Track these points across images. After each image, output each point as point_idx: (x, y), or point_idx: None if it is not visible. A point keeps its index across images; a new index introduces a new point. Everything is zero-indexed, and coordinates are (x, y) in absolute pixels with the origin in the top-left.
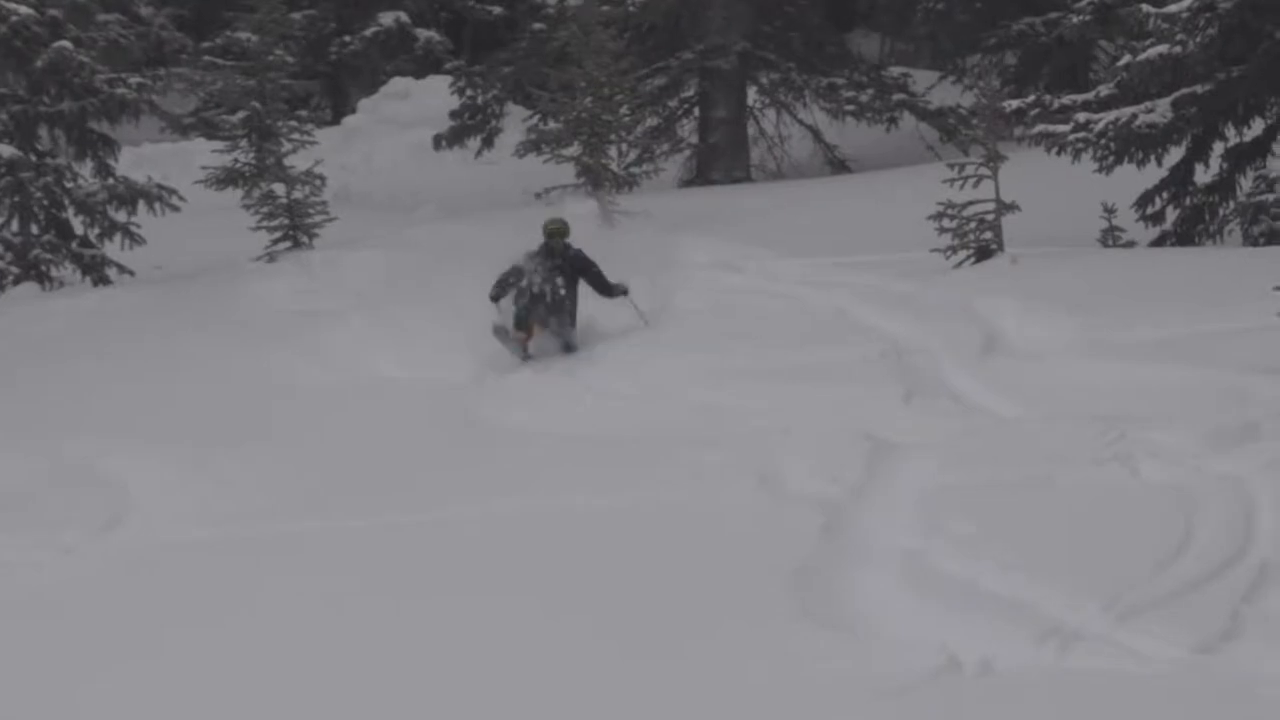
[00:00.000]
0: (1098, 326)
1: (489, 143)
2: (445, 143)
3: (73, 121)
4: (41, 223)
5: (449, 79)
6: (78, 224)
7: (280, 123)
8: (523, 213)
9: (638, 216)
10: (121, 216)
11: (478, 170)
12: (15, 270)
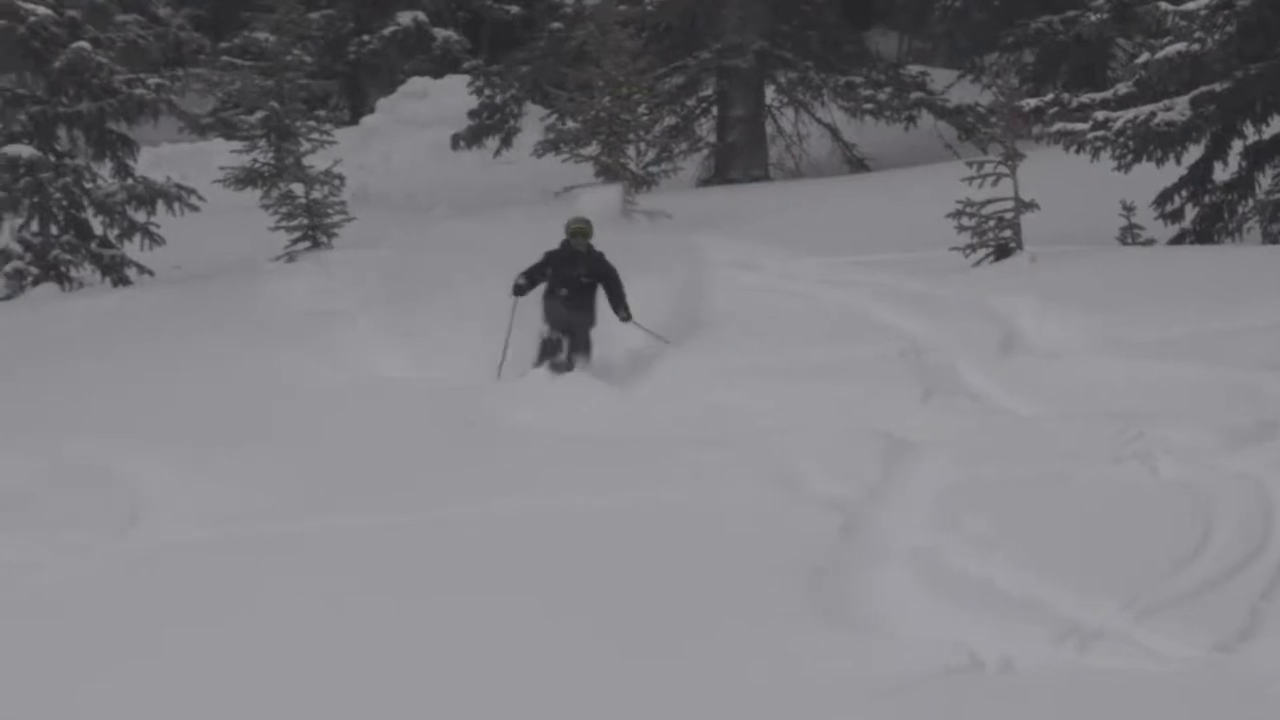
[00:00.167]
0: (1116, 325)
1: (507, 142)
2: (463, 142)
3: (91, 122)
4: (61, 223)
5: (467, 78)
6: (97, 224)
7: (299, 123)
8: (541, 212)
9: (656, 215)
10: (140, 217)
11: (496, 170)
12: (35, 271)
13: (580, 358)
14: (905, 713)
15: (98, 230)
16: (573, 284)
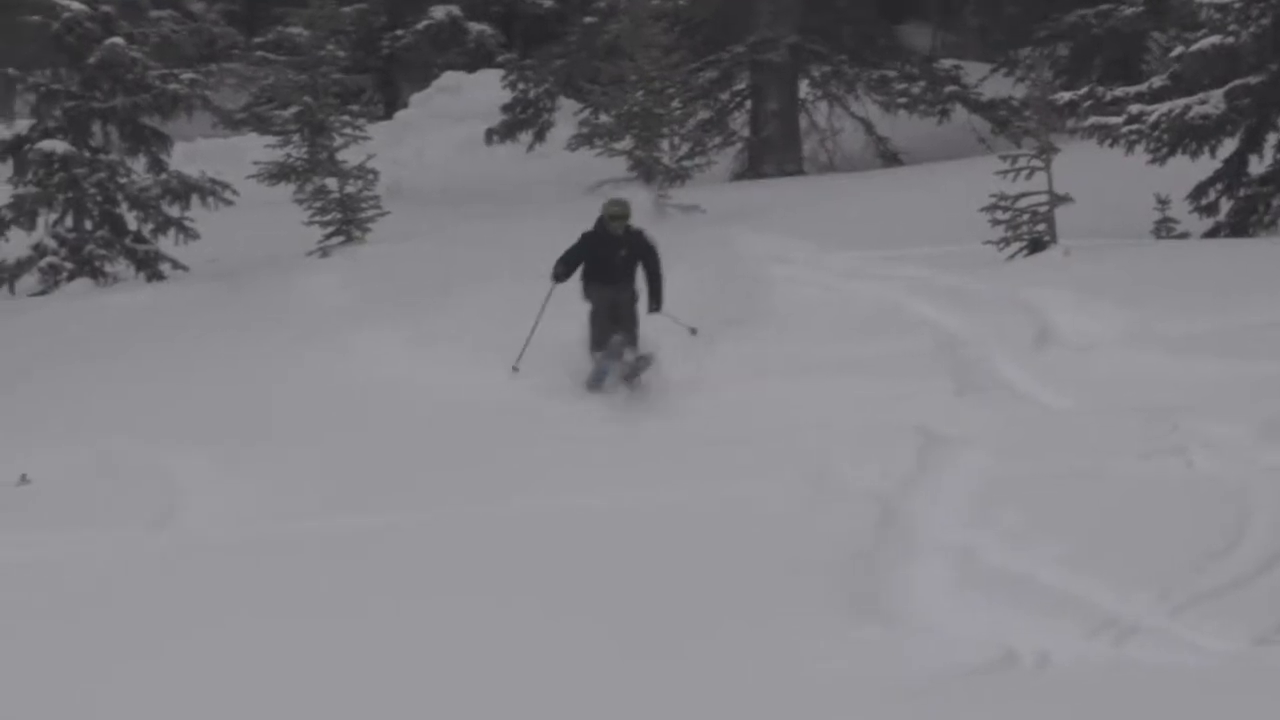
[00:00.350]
0: (1150, 319)
1: (541, 137)
2: (497, 137)
3: (125, 117)
4: (95, 218)
5: (500, 73)
6: (131, 219)
7: (332, 117)
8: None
9: (689, 210)
10: (175, 211)
11: (530, 164)
12: (69, 266)
13: (629, 347)
14: (941, 708)
15: (132, 225)
16: (613, 267)
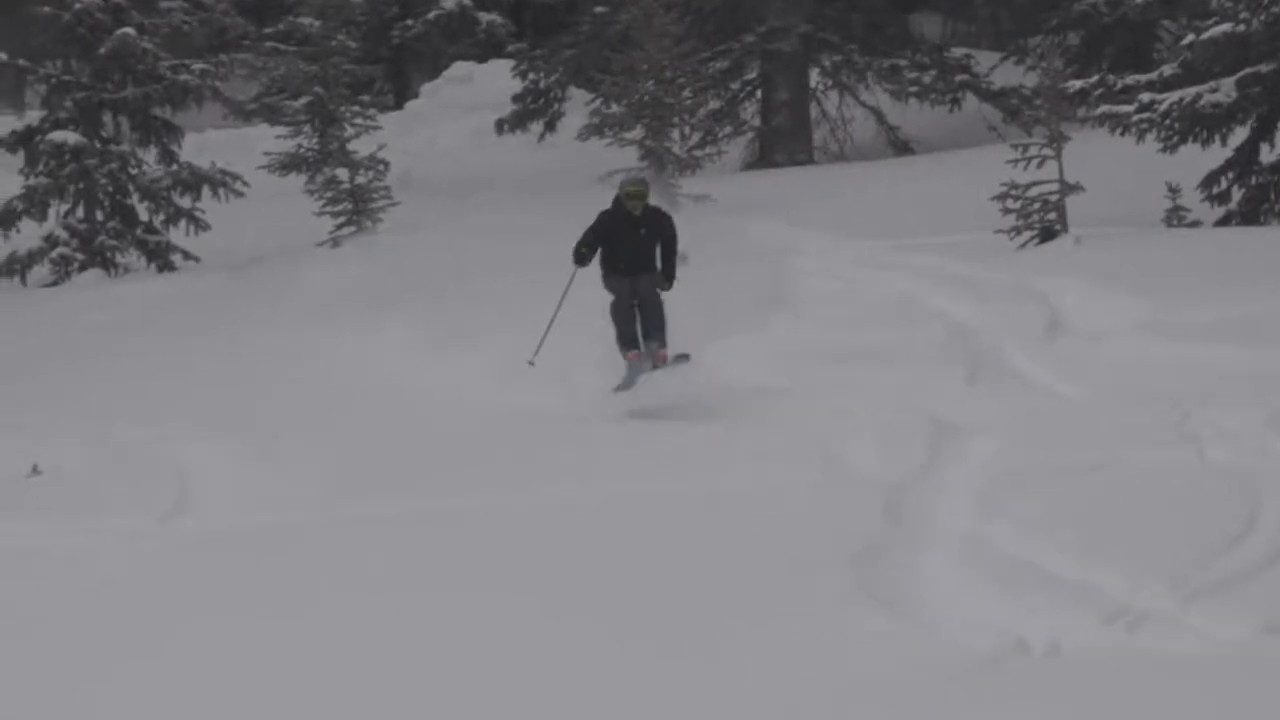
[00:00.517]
0: (1162, 307)
1: (551, 127)
2: (508, 127)
3: (136, 108)
4: (106, 209)
5: (511, 63)
6: (142, 210)
7: (343, 108)
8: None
9: (700, 199)
10: (185, 202)
11: (540, 154)
12: (80, 257)
13: (655, 336)
14: (951, 696)
15: (143, 216)
16: (633, 248)
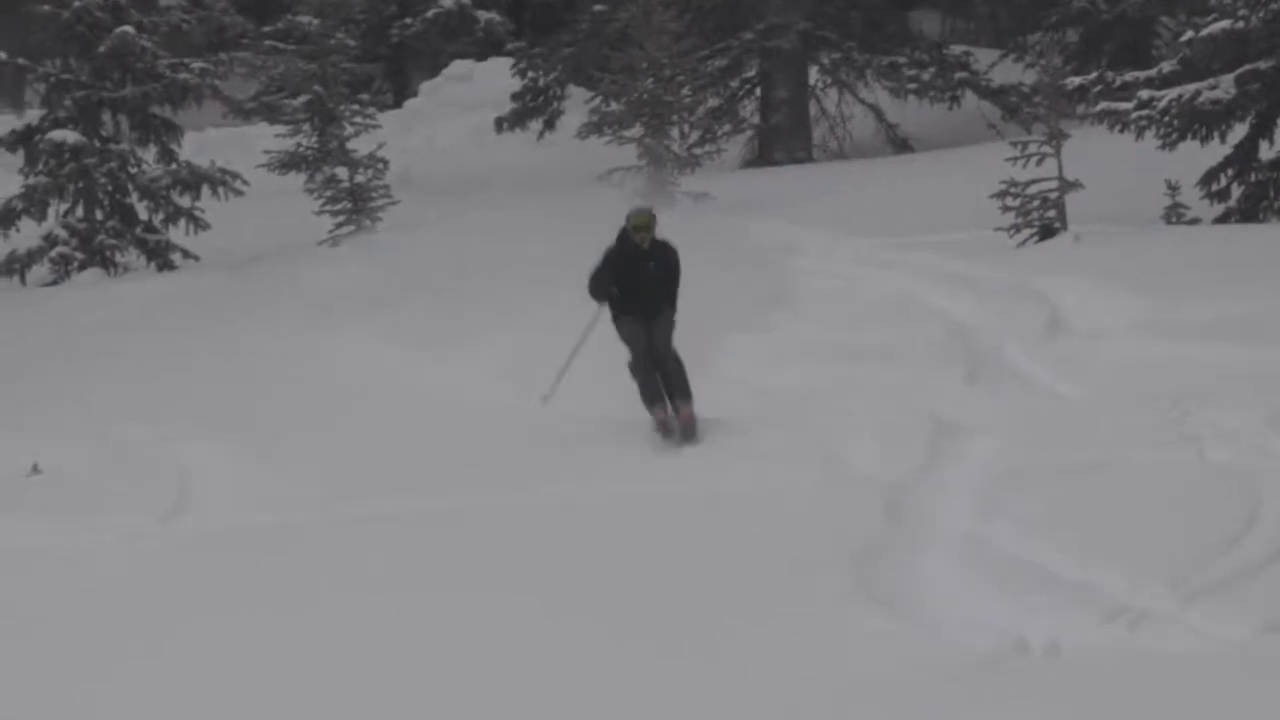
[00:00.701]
0: (1161, 305)
1: (550, 125)
2: (507, 125)
3: (136, 107)
4: (106, 208)
5: (510, 61)
6: (142, 209)
7: (342, 106)
8: (585, 193)
9: (699, 198)
10: (185, 201)
11: (539, 152)
12: (80, 256)
13: (680, 395)
14: (952, 696)
15: (143, 215)
16: (644, 284)
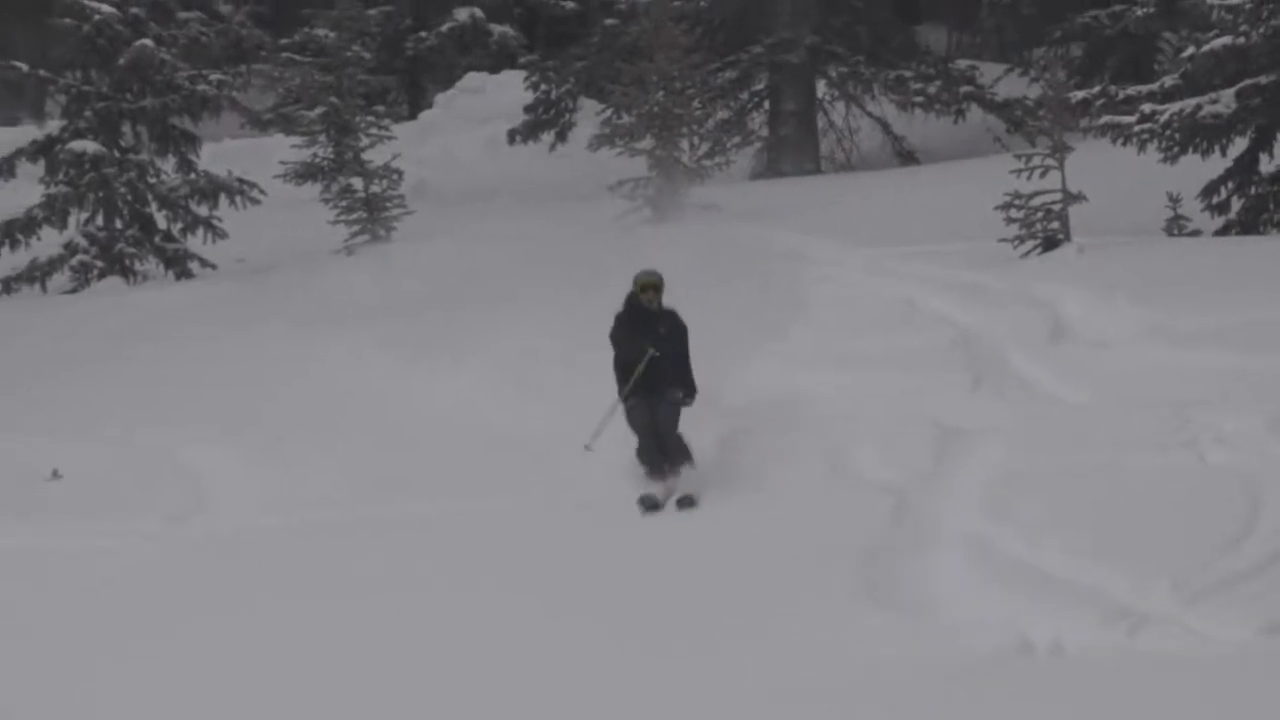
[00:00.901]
0: (1163, 315)
1: (563, 137)
2: (520, 137)
3: (155, 118)
4: (125, 217)
5: (523, 73)
6: (161, 218)
7: (358, 118)
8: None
9: (709, 208)
10: (203, 211)
11: (552, 163)
12: (100, 264)
13: (684, 463)
14: (958, 696)
15: (161, 224)
16: (655, 346)
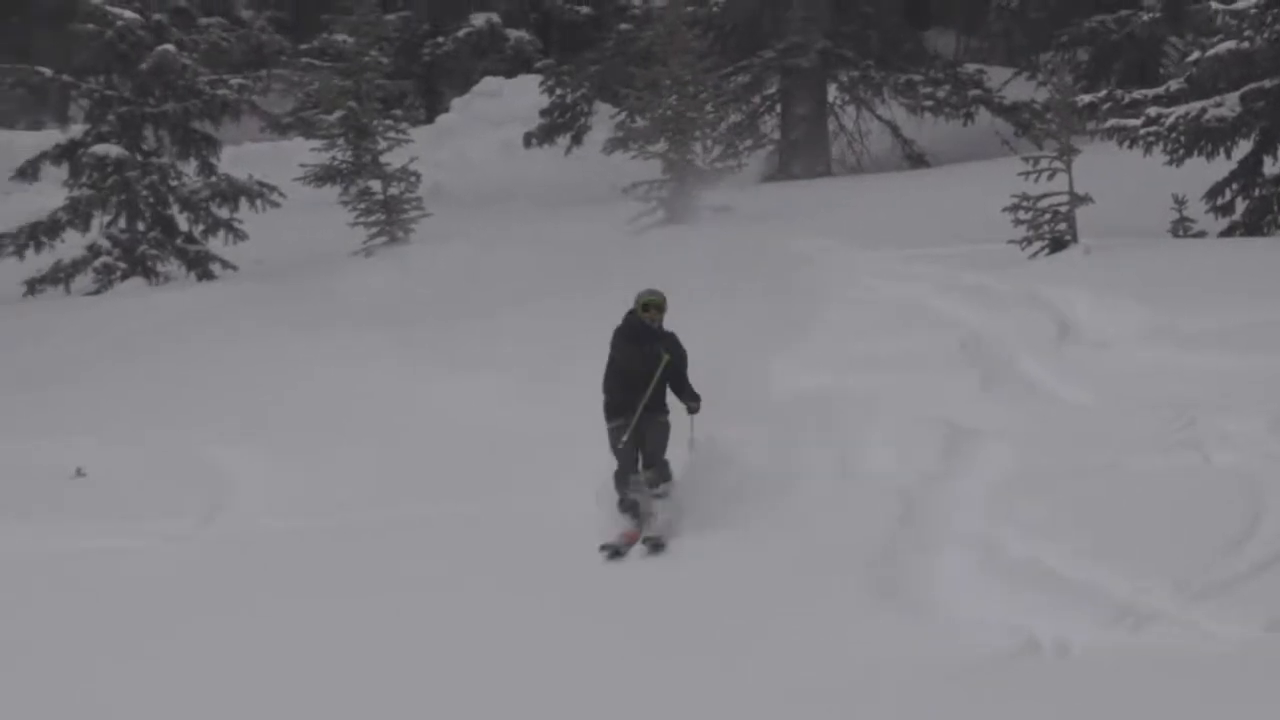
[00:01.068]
0: (1168, 316)
1: (578, 140)
2: (536, 140)
3: (176, 122)
4: (148, 219)
5: (539, 78)
6: (182, 220)
7: (376, 121)
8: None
9: (721, 210)
10: (224, 213)
11: (567, 166)
12: (123, 266)
13: (661, 485)
14: (965, 692)
15: (183, 226)
16: (648, 368)
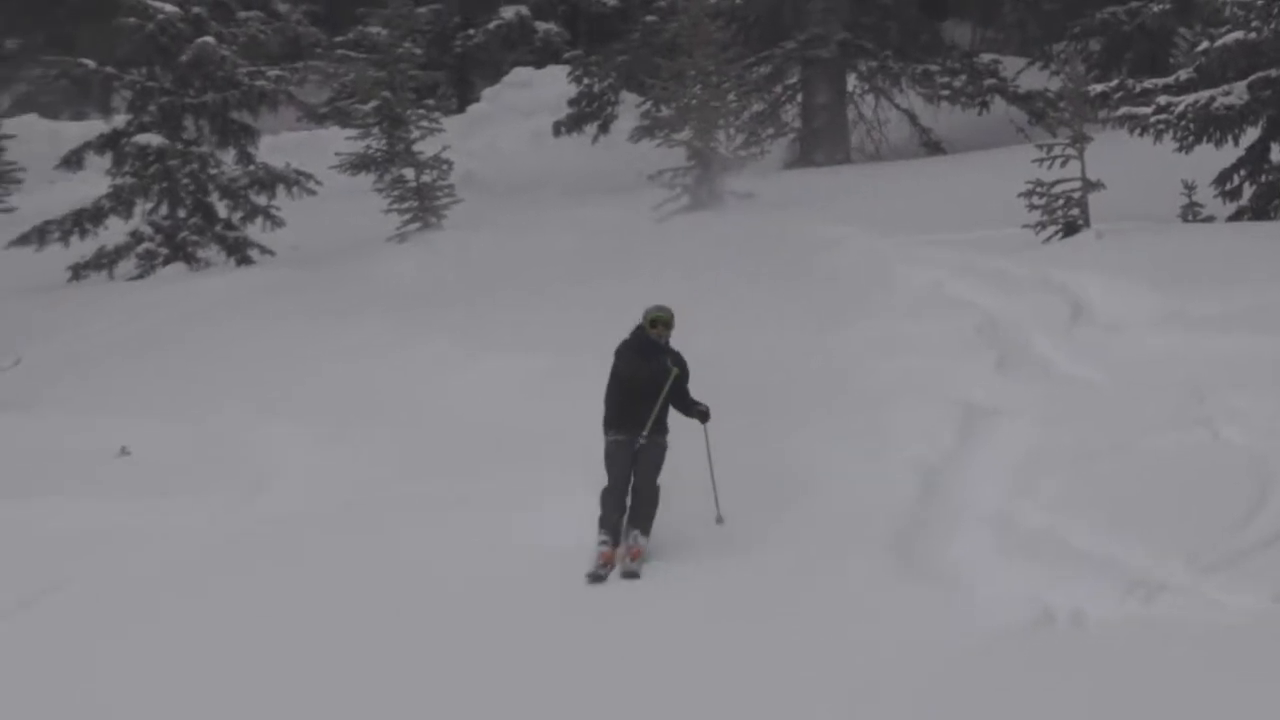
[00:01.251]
0: (1179, 298)
1: (605, 129)
2: (564, 129)
3: (216, 112)
4: (188, 207)
5: (567, 69)
6: (221, 208)
7: (409, 111)
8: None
9: (744, 197)
10: (262, 200)
11: (594, 154)
12: (164, 251)
13: (640, 525)
14: (983, 663)
15: (222, 213)
16: (651, 384)
